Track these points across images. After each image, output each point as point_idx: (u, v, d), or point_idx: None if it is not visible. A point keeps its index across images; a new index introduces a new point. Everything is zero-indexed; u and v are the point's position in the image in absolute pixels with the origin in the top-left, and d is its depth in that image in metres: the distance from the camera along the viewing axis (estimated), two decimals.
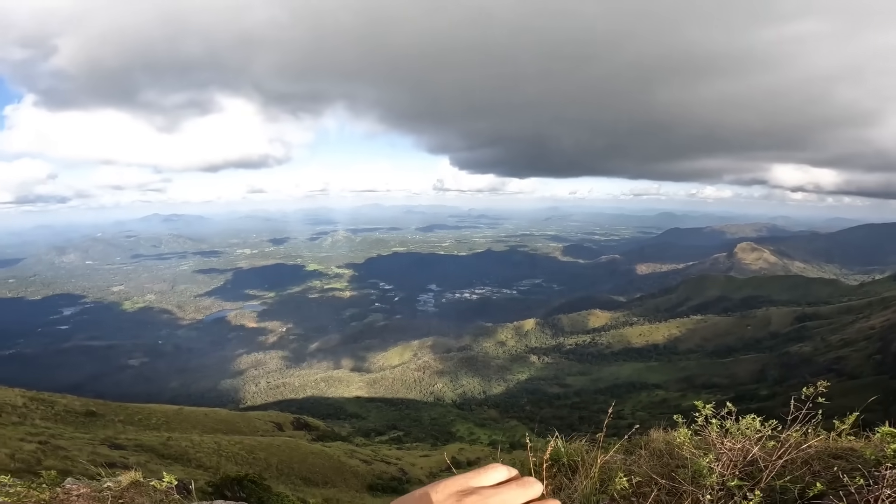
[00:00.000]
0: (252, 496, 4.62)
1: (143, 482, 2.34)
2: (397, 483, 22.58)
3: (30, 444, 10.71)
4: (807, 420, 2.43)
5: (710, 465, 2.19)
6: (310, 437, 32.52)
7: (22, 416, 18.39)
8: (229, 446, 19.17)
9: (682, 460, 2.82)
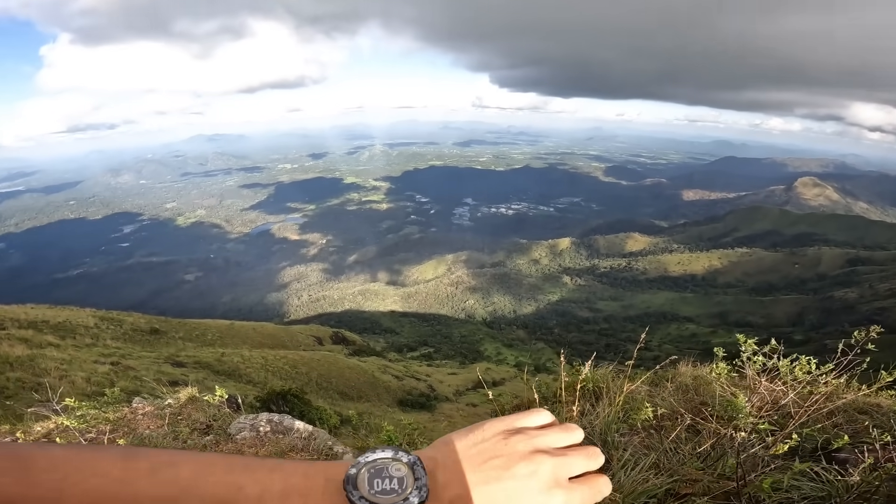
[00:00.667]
0: (294, 409, 5.12)
1: (198, 397, 2.60)
2: (425, 399, 23.60)
3: (103, 367, 11.36)
4: (846, 369, 2.34)
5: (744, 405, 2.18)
6: (347, 351, 34.21)
7: (94, 337, 19.60)
8: (275, 361, 20.46)
9: (708, 397, 2.84)
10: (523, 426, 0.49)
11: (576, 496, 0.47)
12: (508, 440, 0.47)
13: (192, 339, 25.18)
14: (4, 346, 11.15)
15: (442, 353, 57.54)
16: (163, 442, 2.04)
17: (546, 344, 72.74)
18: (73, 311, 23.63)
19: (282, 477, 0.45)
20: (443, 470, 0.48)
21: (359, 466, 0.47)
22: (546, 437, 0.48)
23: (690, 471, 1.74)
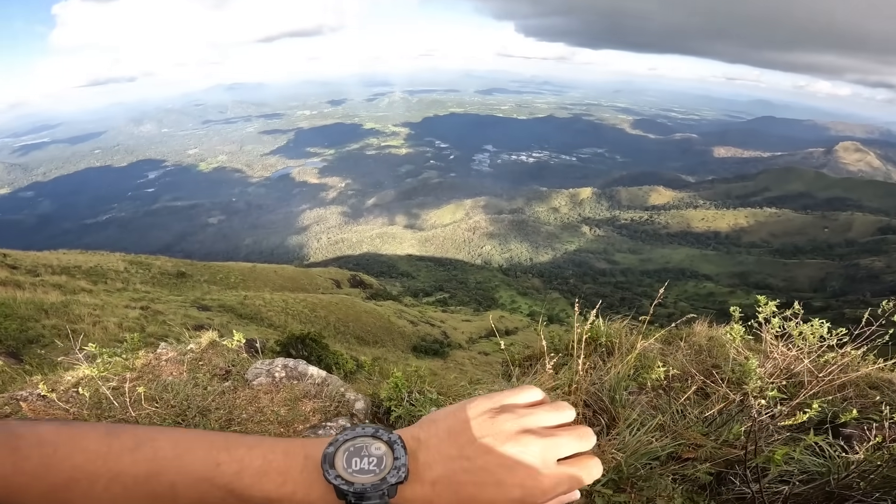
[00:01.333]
0: (312, 354, 5.29)
1: (218, 342, 2.69)
2: (439, 346, 23.87)
3: (133, 311, 11.64)
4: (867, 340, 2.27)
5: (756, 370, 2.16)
6: (364, 294, 34.86)
7: (125, 282, 20.24)
8: (295, 304, 20.87)
9: (721, 359, 2.81)
10: (512, 404, 0.48)
11: (564, 478, 0.46)
12: (496, 419, 0.46)
13: (217, 282, 26.00)
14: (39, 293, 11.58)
15: (457, 299, 58.06)
16: (183, 389, 2.14)
17: (561, 294, 73.07)
18: (103, 255, 24.49)
19: (261, 454, 0.45)
20: (425, 450, 0.46)
21: (337, 445, 0.46)
22: (535, 417, 0.46)
23: (695, 435, 1.75)
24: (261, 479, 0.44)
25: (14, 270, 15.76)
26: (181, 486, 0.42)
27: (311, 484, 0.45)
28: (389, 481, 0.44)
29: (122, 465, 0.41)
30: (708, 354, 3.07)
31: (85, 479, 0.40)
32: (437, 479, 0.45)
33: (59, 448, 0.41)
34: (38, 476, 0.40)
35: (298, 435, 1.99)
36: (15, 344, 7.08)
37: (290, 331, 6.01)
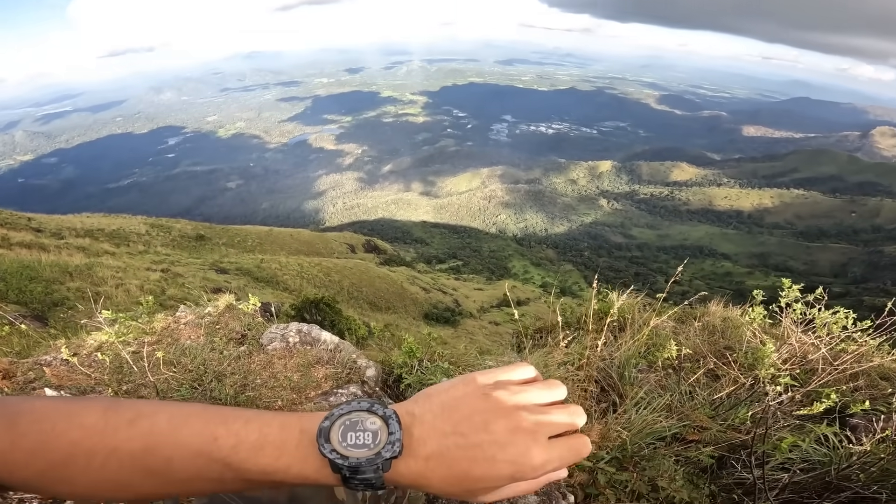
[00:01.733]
0: (326, 319, 5.37)
1: (234, 305, 2.75)
2: (450, 314, 23.98)
3: (154, 274, 11.92)
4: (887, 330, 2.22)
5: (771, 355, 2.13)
6: (378, 260, 35.23)
7: (146, 244, 20.75)
8: (310, 268, 21.18)
9: (735, 341, 2.78)
10: (506, 380, 0.48)
11: (554, 455, 0.46)
12: (489, 396, 0.46)
13: (234, 245, 26.51)
14: (63, 256, 11.92)
15: (470, 266, 57.89)
16: (201, 353, 2.19)
17: (574, 266, 72.28)
18: (125, 219, 25.16)
19: (257, 427, 0.45)
20: (420, 425, 0.47)
21: (332, 419, 0.46)
22: (528, 394, 0.46)
23: (701, 417, 1.74)
24: (257, 452, 0.44)
25: (39, 234, 16.19)
26: (177, 461, 0.42)
27: (306, 458, 0.45)
28: (384, 456, 0.44)
29: (118, 441, 0.41)
30: (721, 335, 3.01)
31: (82, 456, 0.40)
32: (431, 455, 0.45)
33: (57, 424, 0.41)
34: (36, 453, 0.40)
35: (310, 402, 2.04)
36: (40, 307, 7.22)
37: (304, 295, 6.09)
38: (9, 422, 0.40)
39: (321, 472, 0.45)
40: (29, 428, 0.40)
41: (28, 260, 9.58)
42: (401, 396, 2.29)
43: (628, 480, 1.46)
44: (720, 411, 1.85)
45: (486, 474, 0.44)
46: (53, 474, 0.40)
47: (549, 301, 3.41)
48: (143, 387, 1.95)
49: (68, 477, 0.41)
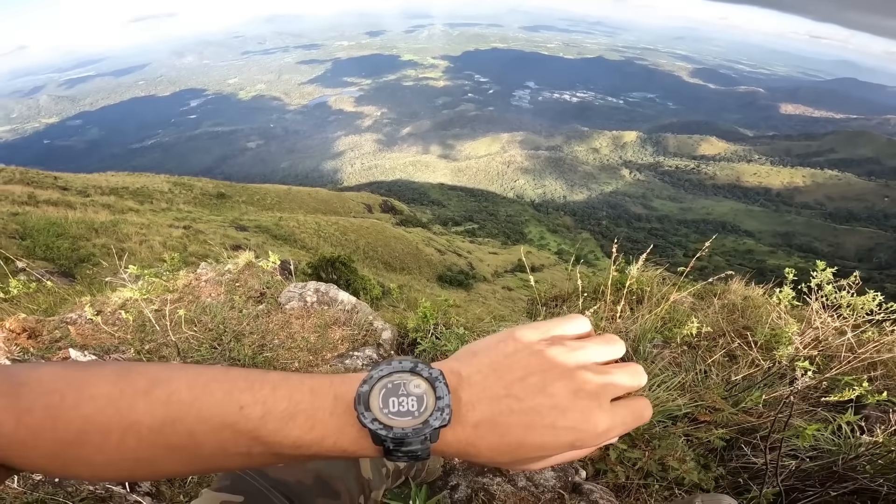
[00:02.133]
0: (341, 277, 5.43)
1: (254, 263, 2.77)
2: (464, 277, 23.76)
3: (177, 231, 12.06)
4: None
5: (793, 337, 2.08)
6: (394, 220, 35.10)
7: (169, 202, 21.08)
8: (327, 227, 21.30)
9: (754, 321, 2.73)
10: (560, 335, 0.41)
11: (618, 420, 0.40)
12: (543, 353, 0.40)
13: (254, 203, 26.85)
14: (89, 213, 12.18)
15: (486, 230, 57.36)
16: (221, 311, 2.22)
17: (592, 235, 71.36)
18: (149, 177, 25.60)
19: (286, 394, 0.39)
20: (468, 387, 0.40)
21: (371, 382, 0.40)
22: (587, 351, 0.40)
23: (715, 398, 1.71)
24: (287, 423, 0.38)
25: (65, 192, 16.57)
26: (201, 434, 0.37)
27: (342, 428, 0.39)
28: (432, 424, 0.38)
29: (135, 414, 0.36)
30: (741, 315, 2.94)
31: (96, 432, 0.35)
32: (481, 421, 0.39)
33: (66, 396, 0.36)
34: (44, 430, 0.35)
35: (326, 364, 2.06)
36: (67, 263, 7.40)
37: (321, 253, 6.14)
38: (13, 396, 0.35)
39: (359, 444, 0.39)
40: (35, 401, 0.35)
41: (55, 217, 9.82)
42: (429, 363, 2.28)
43: (639, 458, 1.45)
44: (734, 393, 1.82)
45: (543, 442, 0.38)
46: (66, 454, 0.36)
47: (566, 268, 3.37)
48: (165, 346, 1.99)
49: (83, 457, 0.36)
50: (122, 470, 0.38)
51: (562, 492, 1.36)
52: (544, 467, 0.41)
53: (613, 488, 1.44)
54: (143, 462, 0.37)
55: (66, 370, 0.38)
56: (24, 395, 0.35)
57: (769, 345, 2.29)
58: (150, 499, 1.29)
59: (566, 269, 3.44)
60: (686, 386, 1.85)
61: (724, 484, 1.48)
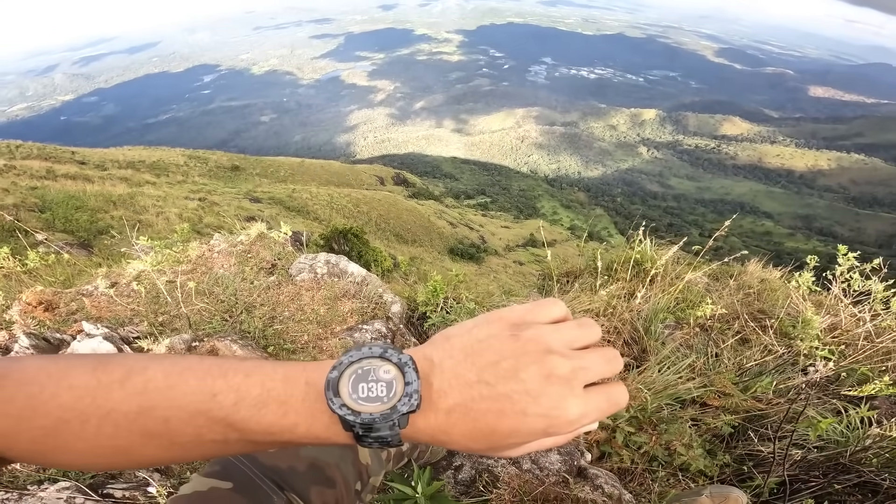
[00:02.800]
0: (353, 249, 5.44)
1: (265, 234, 2.78)
2: (475, 251, 23.53)
3: (192, 203, 12.23)
4: None
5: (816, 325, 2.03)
6: (406, 193, 35.00)
7: (184, 174, 21.39)
8: (339, 199, 21.35)
9: (770, 305, 2.67)
10: (534, 320, 0.41)
11: (591, 406, 0.39)
12: (518, 337, 0.39)
13: (268, 176, 27.11)
14: (107, 186, 12.38)
15: (498, 204, 56.80)
16: (232, 283, 2.22)
17: (605, 211, 70.18)
18: (164, 151, 25.87)
19: (259, 381, 0.39)
20: (439, 373, 0.40)
21: (341, 368, 0.39)
22: (560, 334, 0.39)
23: (725, 383, 1.68)
24: (260, 409, 0.38)
25: (83, 166, 16.81)
26: (175, 421, 0.38)
27: (313, 414, 0.39)
28: (400, 410, 0.38)
29: (112, 402, 0.37)
30: (757, 298, 2.87)
31: (75, 420, 0.36)
32: (453, 407, 0.38)
33: (45, 387, 0.37)
34: (24, 419, 0.36)
35: (336, 337, 2.06)
36: (86, 235, 7.55)
37: (333, 225, 6.16)
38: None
39: (331, 430, 0.39)
40: (16, 391, 0.36)
41: (74, 190, 10.00)
42: (425, 335, 2.30)
43: (645, 442, 1.44)
44: (745, 378, 1.78)
45: (515, 428, 0.38)
46: (46, 442, 0.37)
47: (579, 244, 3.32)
48: (177, 318, 2.01)
49: (62, 444, 0.37)
50: (100, 457, 0.39)
51: (566, 475, 1.35)
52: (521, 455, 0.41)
53: (618, 472, 1.43)
54: (121, 449, 0.38)
55: (46, 362, 0.39)
56: (6, 385, 0.36)
57: (784, 330, 2.24)
58: (158, 475, 1.33)
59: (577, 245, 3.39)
60: (696, 369, 1.82)
61: (728, 472, 1.46)
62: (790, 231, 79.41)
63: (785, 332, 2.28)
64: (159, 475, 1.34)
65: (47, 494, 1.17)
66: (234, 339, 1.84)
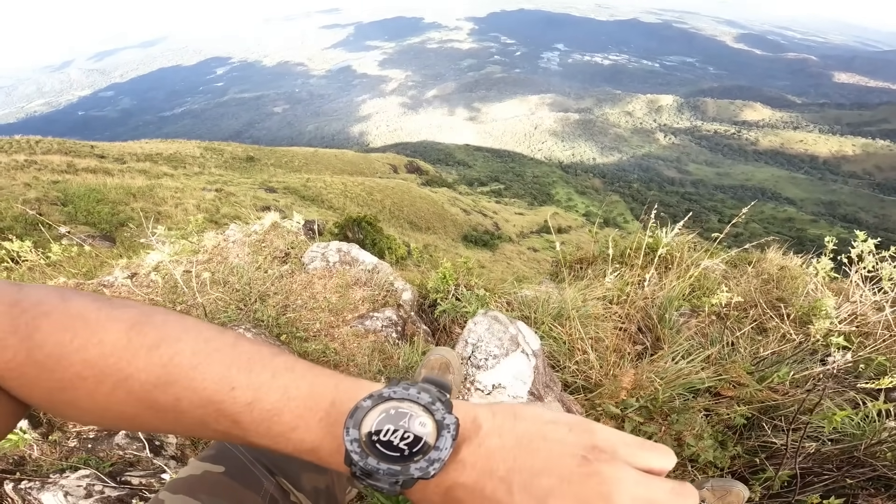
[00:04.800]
0: (367, 237, 5.47)
1: (279, 223, 2.81)
2: (489, 237, 23.43)
3: (209, 193, 12.37)
4: None
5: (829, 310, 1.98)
6: (420, 181, 35.12)
7: (201, 166, 21.72)
8: (353, 187, 21.47)
9: (789, 293, 2.60)
10: (625, 457, 0.32)
11: None
12: (589, 463, 0.31)
13: (282, 166, 27.42)
14: (127, 179, 12.62)
15: (512, 191, 56.13)
16: (246, 272, 2.25)
17: (622, 197, 68.77)
18: (181, 143, 26.29)
19: (282, 385, 0.36)
20: (476, 447, 0.33)
21: (378, 400, 0.35)
22: (640, 489, 0.30)
23: (740, 373, 1.64)
24: (271, 417, 0.36)
25: (102, 160, 17.15)
26: (186, 403, 0.36)
27: (324, 436, 0.35)
28: (412, 474, 0.32)
29: (133, 367, 0.36)
30: (776, 285, 2.79)
31: (92, 378, 0.36)
32: (457, 487, 0.33)
33: (77, 335, 0.36)
34: (47, 368, 0.35)
35: (347, 325, 2.07)
36: (108, 227, 7.71)
37: (347, 213, 6.21)
38: (30, 330, 0.35)
39: (334, 458, 0.35)
40: (48, 337, 0.35)
41: (94, 184, 10.21)
42: (435, 322, 2.29)
43: (654, 433, 1.41)
44: (761, 368, 1.75)
45: None
46: (59, 396, 0.36)
47: (593, 231, 3.27)
48: (194, 308, 2.03)
49: (72, 401, 0.36)
50: (105, 420, 0.38)
51: None
52: None
53: None
54: (127, 416, 0.38)
55: (90, 307, 0.38)
56: (42, 327, 0.36)
57: (804, 319, 2.19)
58: (174, 462, 1.36)
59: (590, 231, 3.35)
60: (711, 358, 1.79)
61: (739, 463, 1.43)
62: (813, 217, 77.28)
63: (803, 321, 2.22)
64: (175, 462, 1.37)
65: (68, 482, 1.20)
66: (248, 328, 1.87)
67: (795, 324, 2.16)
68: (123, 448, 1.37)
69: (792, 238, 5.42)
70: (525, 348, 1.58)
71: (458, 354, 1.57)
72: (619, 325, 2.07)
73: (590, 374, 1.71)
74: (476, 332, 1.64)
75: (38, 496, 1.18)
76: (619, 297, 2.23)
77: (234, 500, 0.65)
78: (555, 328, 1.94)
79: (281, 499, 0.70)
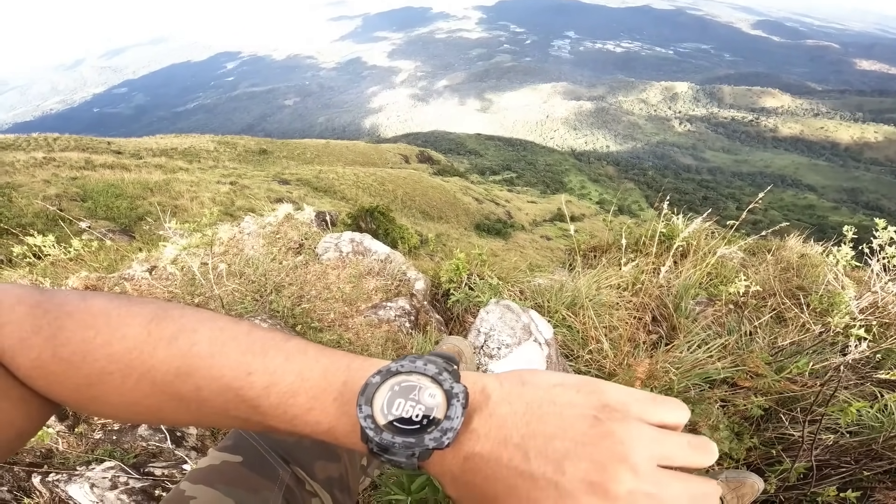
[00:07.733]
0: (380, 227, 5.50)
1: (292, 215, 2.84)
2: (502, 226, 23.42)
3: (224, 187, 12.55)
4: None
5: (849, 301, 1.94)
6: (431, 170, 35.08)
7: (215, 160, 22.00)
8: (365, 178, 21.61)
9: (809, 282, 2.54)
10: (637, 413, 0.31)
11: None
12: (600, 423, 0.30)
13: (294, 158, 27.60)
14: (143, 174, 12.81)
15: (524, 179, 56.07)
16: (262, 264, 2.28)
17: (636, 185, 68.35)
18: (195, 138, 26.68)
19: (297, 368, 0.37)
20: (487, 416, 0.33)
21: (386, 375, 0.35)
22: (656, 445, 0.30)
23: (758, 363, 1.62)
24: (287, 399, 0.36)
25: (119, 155, 17.43)
26: (206, 392, 0.37)
27: (340, 416, 0.36)
28: (426, 444, 0.32)
29: (154, 359, 0.37)
30: (796, 274, 2.73)
31: (118, 373, 0.37)
32: (473, 457, 0.32)
33: (101, 332, 0.37)
34: (73, 365, 0.36)
35: (360, 315, 2.09)
36: (127, 221, 7.86)
37: (360, 204, 6.25)
38: (54, 329, 0.37)
39: (350, 437, 0.35)
40: (72, 336, 0.37)
41: (112, 179, 10.41)
42: (448, 311, 2.29)
43: None
44: (779, 358, 1.71)
45: None
46: (87, 391, 0.37)
47: (607, 219, 3.24)
48: (212, 300, 2.07)
49: (100, 396, 0.37)
50: (132, 413, 0.39)
51: None
52: None
53: None
54: (152, 408, 0.39)
55: (111, 305, 0.39)
56: (67, 326, 0.37)
57: (823, 308, 2.15)
58: (195, 453, 1.40)
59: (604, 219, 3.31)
60: (728, 348, 1.76)
61: (755, 455, 1.42)
62: (834, 205, 75.48)
63: (824, 310, 2.18)
64: (195, 453, 1.40)
65: (94, 474, 1.24)
66: (264, 319, 1.90)
67: (816, 314, 2.12)
68: (146, 440, 1.40)
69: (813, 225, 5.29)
70: (538, 337, 1.58)
71: (471, 344, 1.58)
72: (633, 313, 2.05)
73: (603, 364, 1.70)
74: (488, 321, 1.64)
75: (66, 488, 1.22)
76: (634, 285, 2.21)
77: (251, 489, 0.67)
78: (568, 317, 1.94)
79: (296, 487, 0.71)
